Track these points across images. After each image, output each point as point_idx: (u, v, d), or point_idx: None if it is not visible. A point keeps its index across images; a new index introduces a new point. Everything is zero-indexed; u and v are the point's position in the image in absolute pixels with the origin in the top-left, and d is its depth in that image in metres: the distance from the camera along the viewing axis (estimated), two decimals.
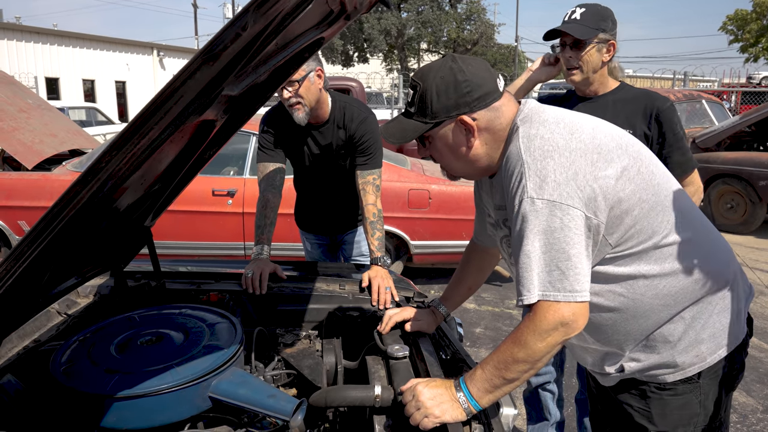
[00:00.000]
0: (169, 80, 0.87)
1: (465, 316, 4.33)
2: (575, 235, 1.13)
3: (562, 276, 1.12)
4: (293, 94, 2.17)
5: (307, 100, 2.21)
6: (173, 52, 27.23)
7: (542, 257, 1.13)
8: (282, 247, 4.25)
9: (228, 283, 2.06)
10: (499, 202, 1.32)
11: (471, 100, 1.24)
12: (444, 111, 1.25)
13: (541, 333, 1.14)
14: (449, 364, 1.57)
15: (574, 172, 1.15)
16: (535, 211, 1.12)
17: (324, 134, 2.39)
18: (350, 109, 2.37)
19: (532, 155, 1.17)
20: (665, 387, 1.31)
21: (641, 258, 1.23)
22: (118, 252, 1.81)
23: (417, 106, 1.27)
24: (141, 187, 1.38)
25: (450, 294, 1.70)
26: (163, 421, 1.27)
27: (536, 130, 1.22)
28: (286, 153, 2.43)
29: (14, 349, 1.52)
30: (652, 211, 1.22)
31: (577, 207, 1.13)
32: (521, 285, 1.15)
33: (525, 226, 1.14)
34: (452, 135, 1.28)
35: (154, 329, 1.51)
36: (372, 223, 2.26)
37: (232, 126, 1.47)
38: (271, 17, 0.87)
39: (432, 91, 1.24)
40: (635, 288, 1.25)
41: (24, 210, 4.59)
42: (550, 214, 1.12)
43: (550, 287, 1.13)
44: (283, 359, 1.70)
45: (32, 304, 1.35)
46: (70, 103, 14.86)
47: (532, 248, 1.13)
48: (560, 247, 1.12)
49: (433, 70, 1.26)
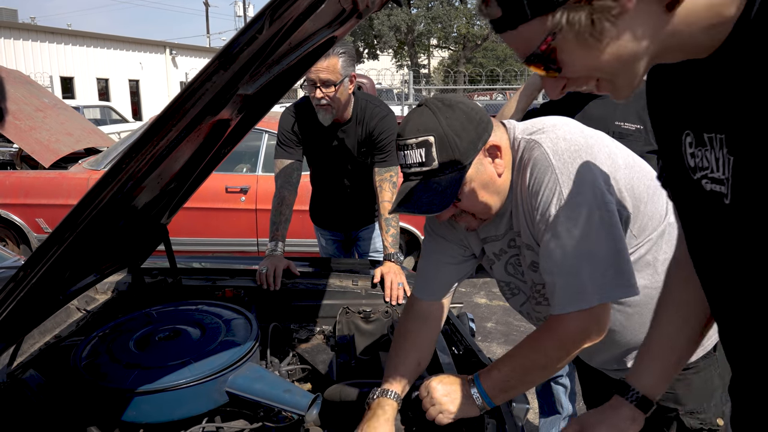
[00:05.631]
0: (188, 83, 0.89)
1: (476, 311, 4.34)
2: (617, 230, 1.11)
3: (617, 274, 1.09)
4: (326, 96, 2.18)
5: (336, 103, 2.23)
6: (185, 51, 27.37)
7: (594, 259, 1.08)
8: (296, 243, 4.29)
9: (243, 279, 2.08)
10: (505, 228, 1.28)
11: (485, 122, 1.19)
12: (472, 147, 1.16)
13: (570, 343, 1.12)
14: (462, 359, 1.58)
15: (599, 168, 1.14)
16: (574, 217, 1.09)
17: (346, 132, 2.41)
18: (370, 107, 2.39)
19: (561, 158, 1.13)
20: (688, 367, 1.28)
21: (658, 244, 1.24)
22: (135, 249, 1.84)
23: (439, 159, 1.14)
24: (158, 186, 1.40)
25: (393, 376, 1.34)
26: (181, 415, 1.30)
27: (554, 134, 1.18)
28: (305, 150, 2.45)
29: (36, 344, 1.56)
30: (654, 195, 1.22)
31: (611, 202, 1.12)
32: (568, 292, 1.10)
33: (564, 235, 1.09)
34: (482, 169, 1.19)
35: (171, 325, 1.54)
36: (387, 219, 2.28)
37: (246, 124, 1.49)
38: (285, 19, 0.89)
39: (450, 135, 1.14)
40: (656, 277, 1.24)
41: (42, 207, 4.66)
42: (588, 217, 1.09)
43: (607, 288, 1.09)
44: (297, 354, 1.72)
45: (53, 301, 1.38)
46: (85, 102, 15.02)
47: (580, 252, 1.09)
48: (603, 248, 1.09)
49: (433, 119, 1.15)
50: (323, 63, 2.12)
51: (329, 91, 2.17)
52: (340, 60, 2.15)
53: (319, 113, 2.25)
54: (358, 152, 2.44)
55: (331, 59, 2.13)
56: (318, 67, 2.13)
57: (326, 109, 2.22)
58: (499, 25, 0.73)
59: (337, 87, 2.17)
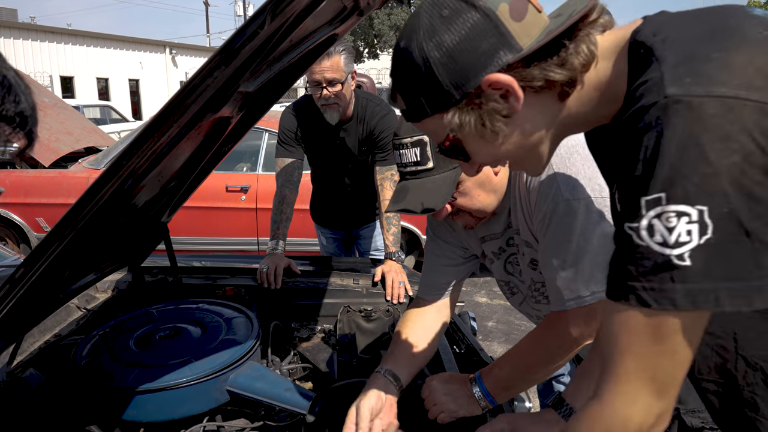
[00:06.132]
0: (189, 78, 0.88)
1: (477, 310, 4.33)
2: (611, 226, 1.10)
3: None
4: (333, 94, 2.19)
5: (343, 101, 2.24)
6: (185, 50, 27.37)
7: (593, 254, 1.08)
8: (296, 242, 4.28)
9: (243, 278, 2.08)
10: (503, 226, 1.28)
11: None
12: None
13: (570, 340, 1.12)
14: (464, 358, 1.58)
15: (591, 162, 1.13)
16: (573, 212, 1.08)
17: (348, 131, 2.40)
18: (371, 105, 2.39)
19: (558, 154, 1.12)
20: None
21: None
22: (135, 248, 1.84)
23: (434, 158, 1.12)
24: (158, 184, 1.40)
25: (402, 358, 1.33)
26: (182, 414, 1.29)
27: None
28: (306, 149, 2.45)
29: (36, 343, 1.55)
30: None
31: (607, 197, 1.10)
32: (568, 288, 1.10)
33: (564, 230, 1.09)
34: None
35: (172, 324, 1.53)
36: (388, 218, 2.27)
37: (246, 123, 1.48)
38: (287, 15, 0.88)
39: None
40: None
41: (42, 207, 4.65)
42: (587, 212, 1.08)
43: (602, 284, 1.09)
44: (298, 353, 1.72)
45: (53, 300, 1.37)
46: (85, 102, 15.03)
47: (579, 247, 1.08)
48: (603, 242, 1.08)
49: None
50: (326, 62, 2.12)
51: (336, 90, 2.18)
52: (342, 57, 2.16)
53: (326, 113, 2.25)
54: (359, 151, 2.43)
55: (333, 58, 2.13)
56: (322, 67, 2.13)
57: (334, 107, 2.23)
58: (407, 116, 0.79)
59: (343, 83, 2.18)
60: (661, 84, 0.63)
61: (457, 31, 0.70)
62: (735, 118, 0.59)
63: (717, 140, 0.59)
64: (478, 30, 0.70)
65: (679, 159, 0.59)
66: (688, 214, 0.59)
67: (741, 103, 0.60)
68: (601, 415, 0.68)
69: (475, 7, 0.70)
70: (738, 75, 0.61)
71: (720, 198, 0.59)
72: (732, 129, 0.59)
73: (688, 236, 0.60)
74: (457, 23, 0.70)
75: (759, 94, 0.60)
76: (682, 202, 0.59)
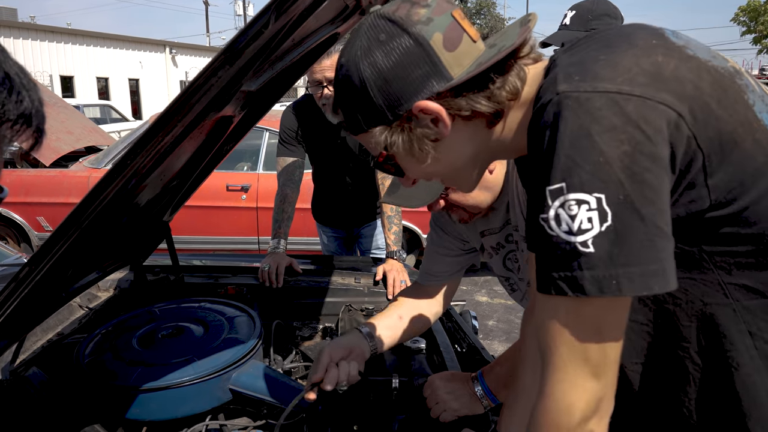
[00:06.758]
0: (193, 78, 0.89)
1: (477, 309, 4.34)
2: None
3: None
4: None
5: None
6: (185, 50, 27.35)
7: None
8: (298, 241, 4.28)
9: (245, 276, 2.08)
10: (501, 222, 1.29)
11: None
12: None
13: None
14: (465, 357, 1.58)
15: None
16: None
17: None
18: None
19: None
20: None
21: None
22: (137, 246, 1.84)
23: None
24: (160, 183, 1.40)
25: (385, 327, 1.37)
26: (185, 413, 1.30)
27: None
28: (308, 147, 2.45)
29: (38, 342, 1.56)
30: None
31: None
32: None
33: None
34: None
35: (174, 322, 1.54)
36: (389, 217, 2.27)
37: (248, 122, 1.49)
38: (291, 14, 0.88)
39: None
40: None
41: (42, 206, 4.66)
42: None
43: None
44: (300, 352, 1.72)
45: (56, 299, 1.38)
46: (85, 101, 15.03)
47: None
48: None
49: None
50: (327, 62, 2.12)
51: None
52: None
53: (327, 112, 2.24)
54: (359, 150, 2.44)
55: (334, 57, 2.13)
56: (323, 66, 2.12)
57: None
58: (347, 128, 0.82)
59: None
60: (555, 82, 0.68)
61: (391, 56, 0.73)
62: (619, 110, 0.63)
63: (605, 131, 0.63)
64: (411, 57, 0.72)
65: (572, 149, 0.63)
66: (587, 201, 0.62)
67: (625, 97, 0.64)
68: (546, 409, 0.69)
69: (410, 34, 0.72)
70: (622, 73, 0.66)
71: (615, 186, 0.62)
72: (618, 121, 0.63)
73: (589, 223, 0.62)
74: (392, 49, 0.72)
75: (641, 90, 0.64)
76: (580, 190, 0.62)
